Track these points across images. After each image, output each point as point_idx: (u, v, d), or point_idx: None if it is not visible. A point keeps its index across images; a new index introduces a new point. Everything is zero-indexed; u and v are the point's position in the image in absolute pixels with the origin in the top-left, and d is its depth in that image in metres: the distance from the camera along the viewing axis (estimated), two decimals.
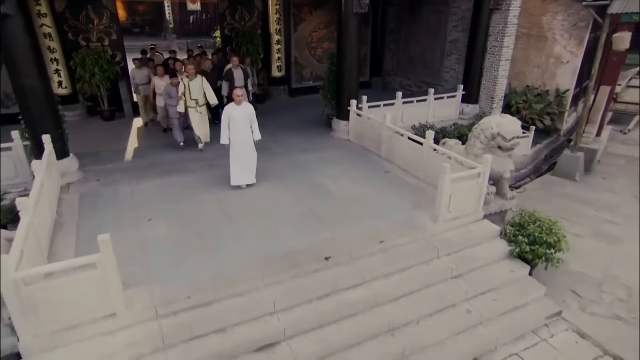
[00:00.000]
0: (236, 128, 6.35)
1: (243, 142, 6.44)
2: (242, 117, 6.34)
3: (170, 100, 8.25)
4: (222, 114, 6.36)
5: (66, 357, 3.77)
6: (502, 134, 5.80)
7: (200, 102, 8.12)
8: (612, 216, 7.91)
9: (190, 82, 7.93)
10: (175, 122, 8.38)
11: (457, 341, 4.77)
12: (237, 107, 6.32)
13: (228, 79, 9.26)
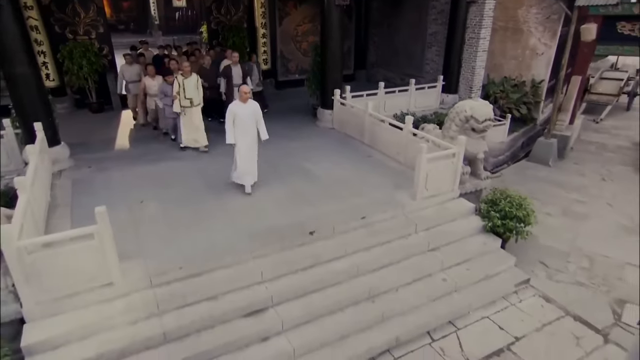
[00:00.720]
0: (242, 127, 5.95)
1: (249, 142, 6.08)
2: (247, 115, 5.96)
3: (166, 99, 7.91)
4: (227, 112, 5.97)
5: (67, 322, 4.02)
6: (475, 117, 6.18)
7: (195, 101, 7.68)
8: (581, 196, 8.40)
9: (185, 80, 7.52)
10: (171, 122, 8.13)
11: (433, 306, 5.14)
12: (243, 105, 5.95)
13: (226, 76, 8.87)
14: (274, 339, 4.44)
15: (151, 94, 8.65)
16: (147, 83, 8.66)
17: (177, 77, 7.59)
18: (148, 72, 8.71)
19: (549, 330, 4.97)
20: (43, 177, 5.88)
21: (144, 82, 8.73)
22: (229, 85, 8.75)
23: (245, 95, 5.95)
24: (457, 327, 5.03)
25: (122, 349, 3.96)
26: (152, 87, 8.58)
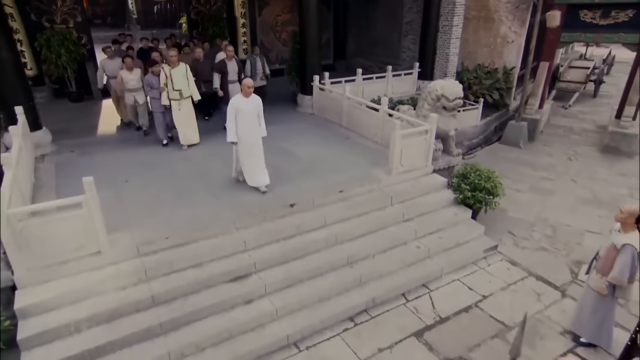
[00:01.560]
0: (244, 123, 5.55)
1: (251, 139, 5.67)
2: (250, 110, 5.56)
3: (152, 92, 7.32)
4: (228, 108, 5.54)
5: (57, 289, 4.18)
6: (446, 95, 6.54)
7: (185, 93, 7.13)
8: (548, 174, 8.90)
9: (172, 70, 6.99)
10: (159, 117, 7.41)
11: (408, 271, 5.48)
12: (245, 99, 5.53)
13: (220, 71, 8.08)
14: (258, 301, 4.70)
15: (129, 89, 7.89)
16: (124, 77, 7.81)
17: (164, 67, 7.11)
18: (125, 64, 7.85)
19: (513, 289, 5.38)
20: (27, 158, 5.96)
21: (120, 75, 7.84)
22: (223, 82, 8.12)
23: (249, 89, 5.53)
24: (430, 289, 5.38)
25: (112, 310, 4.16)
26: (129, 81, 7.84)
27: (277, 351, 4.39)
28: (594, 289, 4.21)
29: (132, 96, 7.95)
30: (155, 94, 7.31)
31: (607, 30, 10.26)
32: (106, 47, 9.08)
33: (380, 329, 4.73)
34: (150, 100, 7.50)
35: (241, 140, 5.65)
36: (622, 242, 3.87)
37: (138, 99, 7.93)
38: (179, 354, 4.11)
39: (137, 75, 7.82)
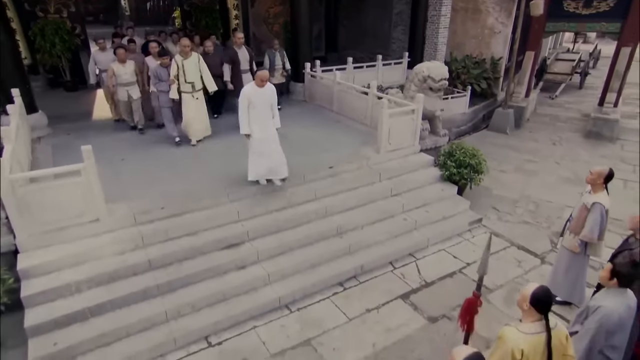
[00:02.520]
0: (257, 114, 5.22)
1: (265, 131, 5.31)
2: (264, 101, 5.22)
3: (160, 84, 6.74)
4: (240, 97, 5.19)
5: (57, 253, 4.35)
6: (432, 76, 6.78)
7: (197, 86, 6.68)
8: (533, 157, 9.18)
9: (184, 61, 6.48)
10: (168, 112, 6.84)
11: (395, 241, 5.71)
12: (259, 89, 5.18)
13: (231, 61, 7.55)
14: (250, 267, 4.90)
15: (122, 83, 7.24)
16: (117, 70, 7.14)
17: (175, 57, 6.55)
18: (117, 56, 7.16)
19: (495, 257, 5.62)
20: (24, 137, 6.11)
21: (112, 68, 7.15)
22: (234, 72, 7.59)
23: (262, 83, 5.17)
24: (416, 258, 5.61)
25: (111, 273, 4.34)
26: (122, 74, 7.18)
27: (270, 312, 4.59)
28: (568, 248, 4.47)
29: (125, 91, 7.29)
30: (163, 86, 6.72)
31: (590, 19, 10.59)
32: (98, 39, 8.63)
33: (368, 292, 4.96)
34: (158, 94, 6.87)
35: (254, 133, 5.28)
36: (592, 201, 4.13)
37: (132, 94, 7.33)
38: (176, 313, 4.29)
39: (131, 69, 7.24)
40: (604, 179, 4.10)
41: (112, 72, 7.19)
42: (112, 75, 7.21)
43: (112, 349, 3.94)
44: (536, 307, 2.51)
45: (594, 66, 19.54)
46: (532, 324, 2.54)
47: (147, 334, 4.11)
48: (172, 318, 4.28)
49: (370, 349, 4.16)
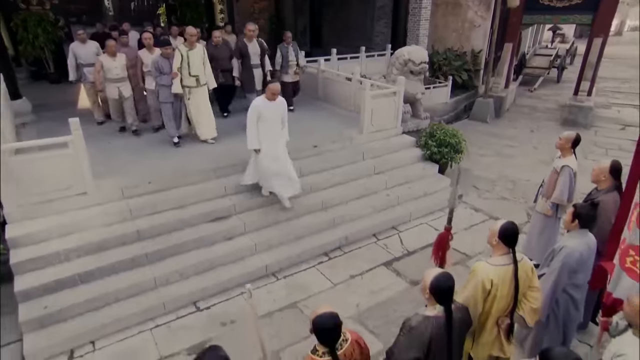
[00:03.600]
0: (267, 129, 4.92)
1: (274, 146, 5.06)
2: (274, 115, 4.95)
3: (161, 78, 6.00)
4: (249, 111, 4.86)
5: (45, 224, 4.40)
6: (412, 60, 7.02)
7: (202, 80, 6.14)
8: (512, 143, 9.51)
9: (189, 51, 5.92)
10: (168, 108, 6.15)
11: (379, 215, 5.90)
12: (269, 102, 4.87)
13: (240, 55, 6.88)
14: (238, 238, 5.02)
15: (111, 79, 6.44)
16: (106, 63, 6.36)
17: (179, 47, 5.94)
18: (107, 48, 6.41)
19: (475, 229, 5.86)
20: (9, 119, 6.11)
21: (100, 62, 6.39)
22: (244, 66, 6.97)
23: (274, 96, 4.87)
24: (399, 230, 5.81)
25: (99, 242, 4.41)
26: (112, 69, 6.39)
27: (257, 279, 4.72)
28: (540, 212, 4.70)
29: (115, 88, 6.47)
30: (165, 80, 5.96)
31: (564, 12, 11.02)
32: (78, 32, 7.34)
33: (352, 261, 5.12)
34: (158, 89, 6.16)
35: (263, 148, 4.99)
36: (561, 165, 4.37)
37: (123, 92, 6.53)
38: (164, 280, 4.39)
39: (122, 62, 6.46)
40: (572, 144, 4.34)
41: (100, 66, 6.38)
42: (100, 69, 6.39)
43: (102, 313, 4.01)
44: (504, 241, 2.70)
45: (572, 62, 20.16)
46: (500, 257, 2.73)
47: (136, 299, 4.19)
48: (161, 285, 4.37)
49: (354, 309, 4.31)
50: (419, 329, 2.24)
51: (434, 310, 2.31)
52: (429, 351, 2.22)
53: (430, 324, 2.24)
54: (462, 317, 2.39)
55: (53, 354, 3.69)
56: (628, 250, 2.44)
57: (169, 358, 3.72)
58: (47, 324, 3.81)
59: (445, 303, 2.26)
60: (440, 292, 2.27)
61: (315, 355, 2.15)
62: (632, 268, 2.45)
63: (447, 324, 2.24)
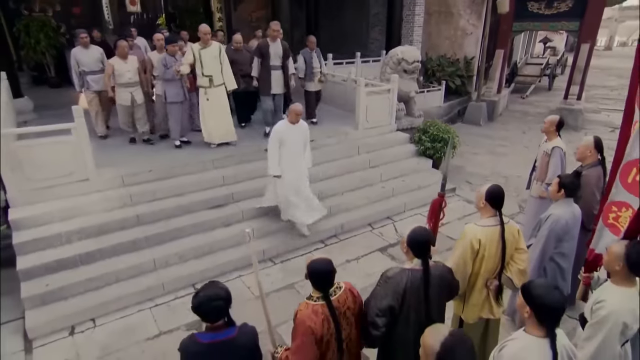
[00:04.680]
0: (289, 154, 4.75)
1: (296, 172, 4.88)
2: (297, 139, 4.77)
3: (167, 72, 5.72)
4: (271, 135, 4.71)
5: (47, 208, 4.50)
6: (406, 59, 7.24)
7: (216, 81, 5.78)
8: (504, 143, 9.72)
9: (202, 50, 5.63)
10: (176, 109, 5.90)
11: (374, 206, 6.03)
12: (292, 126, 4.71)
13: (260, 55, 6.36)
14: (235, 225, 5.13)
15: (123, 83, 5.90)
16: (117, 67, 5.83)
17: (192, 46, 5.73)
18: (118, 50, 5.89)
19: (467, 219, 5.98)
20: (11, 115, 6.24)
21: (111, 66, 5.84)
22: (264, 67, 6.40)
23: (297, 117, 4.68)
24: (394, 220, 5.93)
25: (100, 225, 4.51)
26: (124, 72, 5.85)
27: None
28: (535, 196, 4.84)
29: (128, 93, 5.94)
30: (171, 74, 5.71)
31: (552, 19, 11.39)
32: (82, 35, 6.47)
33: (348, 247, 5.23)
34: (165, 88, 5.84)
35: (284, 174, 4.81)
36: (551, 146, 4.54)
37: (136, 97, 6.02)
38: (164, 263, 4.47)
39: (134, 66, 5.97)
40: (556, 126, 4.53)
41: (112, 70, 5.84)
42: (111, 74, 5.85)
43: (103, 292, 4.09)
44: (490, 203, 2.84)
45: (562, 72, 20.60)
46: (487, 219, 2.87)
47: (136, 279, 4.28)
48: (161, 267, 4.46)
49: None
50: (394, 280, 2.34)
51: (412, 263, 2.42)
52: (403, 301, 2.31)
53: (406, 275, 2.35)
54: (441, 275, 2.47)
55: (54, 329, 3.75)
56: (610, 206, 2.58)
57: (168, 333, 3.79)
58: (48, 301, 3.88)
59: (422, 256, 2.37)
60: (417, 245, 2.37)
61: (310, 301, 2.25)
62: (614, 224, 2.58)
63: (424, 277, 2.34)
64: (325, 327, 2.22)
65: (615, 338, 2.24)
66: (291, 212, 5.04)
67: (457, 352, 1.52)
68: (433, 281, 2.37)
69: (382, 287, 2.37)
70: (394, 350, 2.44)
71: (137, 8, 28.96)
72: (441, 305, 2.55)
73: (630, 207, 2.49)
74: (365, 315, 2.38)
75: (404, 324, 2.36)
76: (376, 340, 2.36)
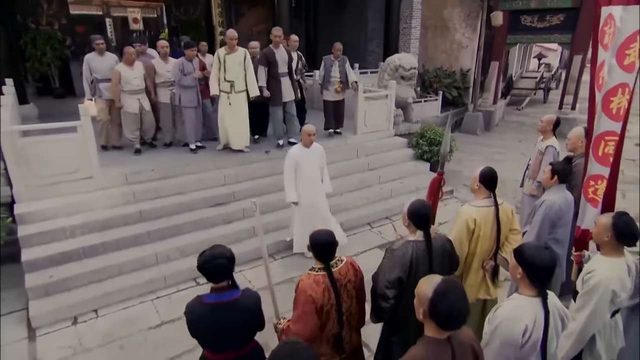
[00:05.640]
0: (304, 179, 4.62)
1: (313, 198, 4.72)
2: (312, 163, 4.64)
3: (184, 79, 5.76)
4: (286, 161, 4.58)
5: (52, 204, 4.58)
6: (403, 65, 7.45)
7: (238, 86, 5.75)
8: (501, 150, 9.88)
9: (227, 55, 5.63)
10: (191, 113, 5.92)
11: (373, 206, 6.12)
12: (306, 150, 4.60)
13: (267, 63, 6.07)
14: (236, 222, 5.21)
15: (131, 90, 5.77)
16: (124, 74, 5.70)
17: (218, 51, 5.75)
18: (124, 58, 5.76)
19: None
20: (17, 118, 6.38)
21: (118, 72, 5.68)
22: (270, 75, 6.12)
23: (309, 137, 4.53)
24: (392, 220, 6.01)
25: (103, 221, 4.59)
26: (131, 79, 5.73)
27: (255, 260, 4.86)
28: (528, 193, 4.94)
29: (135, 100, 5.81)
30: (188, 81, 5.77)
31: (544, 32, 11.70)
32: (97, 41, 6.22)
33: (348, 245, 5.27)
34: (180, 92, 5.85)
35: (301, 199, 4.65)
36: (545, 145, 4.67)
37: (144, 105, 5.94)
38: (165, 257, 4.53)
39: (141, 72, 5.86)
40: (553, 125, 4.66)
41: (119, 77, 5.65)
42: (119, 81, 5.68)
43: (105, 284, 4.14)
44: (484, 184, 2.95)
45: (557, 87, 21.01)
46: (482, 200, 2.97)
47: (138, 273, 4.33)
48: (162, 261, 4.51)
49: None
50: (400, 251, 2.43)
51: (415, 235, 2.51)
52: (410, 272, 2.40)
53: (411, 247, 2.43)
54: (442, 245, 2.56)
55: (57, 318, 3.79)
56: (589, 181, 2.69)
57: (170, 323, 3.82)
58: (52, 292, 3.93)
59: (423, 227, 2.46)
60: (418, 216, 2.47)
61: (312, 272, 2.33)
62: (594, 197, 2.69)
63: (427, 246, 2.43)
64: (326, 297, 2.29)
65: (605, 306, 2.31)
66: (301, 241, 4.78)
67: (450, 296, 1.60)
68: (436, 252, 2.47)
69: (389, 259, 2.45)
70: (400, 320, 2.48)
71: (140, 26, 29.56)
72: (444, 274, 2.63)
73: (604, 179, 2.61)
74: (374, 289, 2.45)
75: (411, 295, 2.41)
76: (385, 313, 2.41)
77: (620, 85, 2.36)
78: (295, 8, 9.82)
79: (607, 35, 2.45)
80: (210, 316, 2.00)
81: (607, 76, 2.41)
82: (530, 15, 11.77)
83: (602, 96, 2.46)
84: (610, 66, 2.38)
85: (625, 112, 2.44)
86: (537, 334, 1.90)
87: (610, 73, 2.39)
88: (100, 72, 5.98)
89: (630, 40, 2.28)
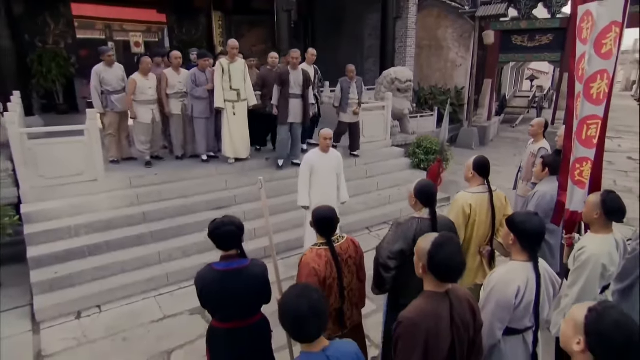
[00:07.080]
0: (319, 185, 4.51)
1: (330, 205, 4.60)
2: (328, 169, 4.54)
3: (196, 90, 5.78)
4: (302, 165, 4.56)
5: (57, 205, 4.68)
6: (399, 78, 7.73)
7: (243, 95, 5.94)
8: (496, 163, 10.05)
9: (230, 65, 5.75)
10: (202, 125, 5.96)
11: (371, 211, 6.24)
12: (323, 155, 4.52)
13: (281, 82, 5.98)
14: None
15: (145, 101, 5.72)
16: (140, 84, 5.66)
17: (220, 60, 5.83)
18: (141, 67, 5.71)
19: None
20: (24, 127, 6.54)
21: (134, 81, 5.64)
22: (283, 95, 6.01)
23: (326, 141, 4.45)
24: (390, 224, 6.10)
25: (108, 221, 4.68)
26: (146, 89, 5.69)
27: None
28: (521, 195, 5.08)
29: (149, 110, 5.77)
30: (201, 92, 5.79)
31: (535, 51, 12.13)
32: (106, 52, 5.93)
33: None
34: (192, 103, 5.88)
35: (312, 205, 4.44)
36: (538, 147, 4.84)
37: (156, 115, 5.90)
38: (168, 256, 4.61)
39: (154, 83, 5.82)
40: (543, 128, 4.86)
41: (134, 86, 5.63)
42: (134, 91, 5.63)
43: (109, 281, 4.20)
44: (478, 172, 3.09)
45: (549, 106, 21.53)
46: (477, 187, 3.11)
47: (141, 270, 4.40)
48: (165, 260, 4.59)
49: None
50: (405, 226, 2.55)
51: (420, 213, 2.63)
52: (412, 245, 2.50)
53: (416, 223, 2.56)
54: (446, 224, 2.68)
55: (62, 313, 3.84)
56: (575, 165, 2.82)
57: (172, 317, 3.87)
58: (56, 288, 3.98)
59: (430, 205, 2.59)
60: (425, 194, 2.60)
61: (314, 247, 2.44)
62: (580, 179, 2.82)
63: (432, 224, 2.55)
64: (328, 270, 2.39)
65: (596, 280, 2.41)
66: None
67: (446, 247, 1.71)
68: (440, 229, 2.57)
69: (393, 232, 2.57)
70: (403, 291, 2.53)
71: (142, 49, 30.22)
72: None
73: (589, 160, 2.76)
74: (377, 259, 2.53)
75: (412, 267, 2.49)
76: (386, 283, 2.50)
77: (599, 72, 2.55)
78: (294, 28, 10.19)
79: (585, 30, 2.65)
80: (220, 283, 2.10)
81: (587, 65, 2.59)
82: (520, 35, 12.23)
83: (583, 84, 2.64)
84: (589, 56, 2.57)
85: (606, 97, 2.62)
86: (529, 297, 2.00)
87: (589, 62, 2.57)
88: (111, 85, 5.83)
89: (607, 31, 2.48)
